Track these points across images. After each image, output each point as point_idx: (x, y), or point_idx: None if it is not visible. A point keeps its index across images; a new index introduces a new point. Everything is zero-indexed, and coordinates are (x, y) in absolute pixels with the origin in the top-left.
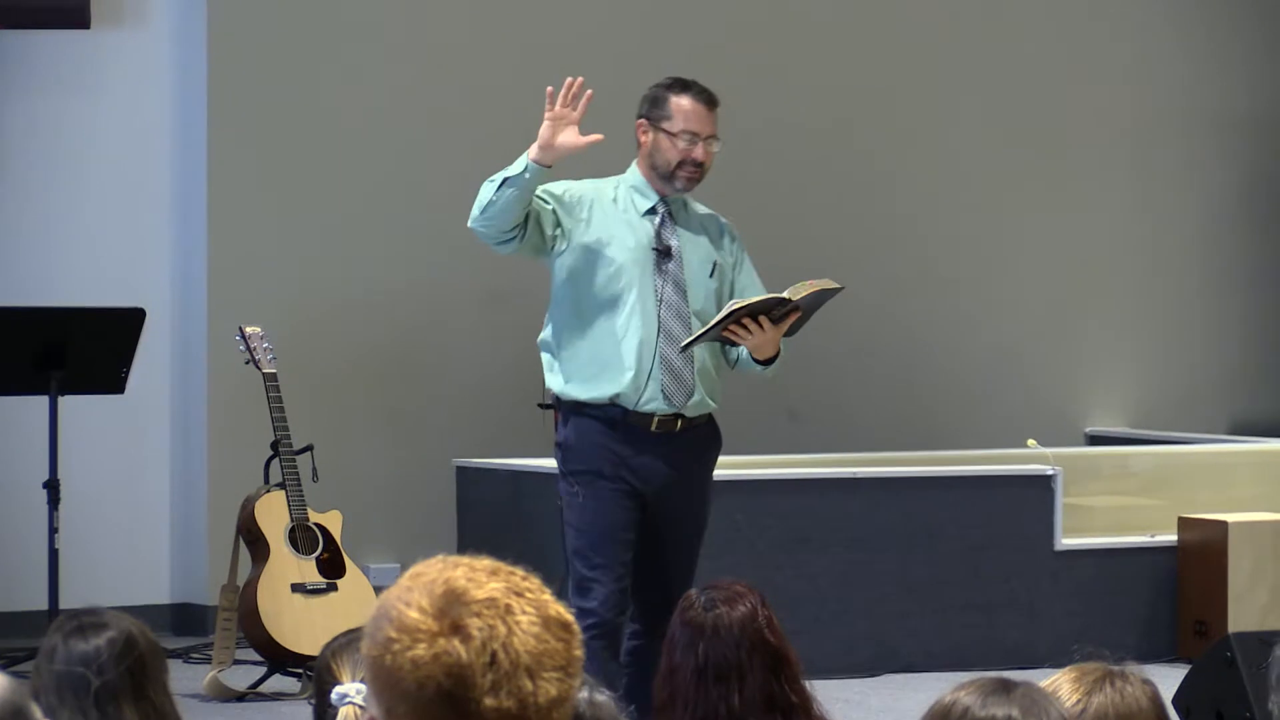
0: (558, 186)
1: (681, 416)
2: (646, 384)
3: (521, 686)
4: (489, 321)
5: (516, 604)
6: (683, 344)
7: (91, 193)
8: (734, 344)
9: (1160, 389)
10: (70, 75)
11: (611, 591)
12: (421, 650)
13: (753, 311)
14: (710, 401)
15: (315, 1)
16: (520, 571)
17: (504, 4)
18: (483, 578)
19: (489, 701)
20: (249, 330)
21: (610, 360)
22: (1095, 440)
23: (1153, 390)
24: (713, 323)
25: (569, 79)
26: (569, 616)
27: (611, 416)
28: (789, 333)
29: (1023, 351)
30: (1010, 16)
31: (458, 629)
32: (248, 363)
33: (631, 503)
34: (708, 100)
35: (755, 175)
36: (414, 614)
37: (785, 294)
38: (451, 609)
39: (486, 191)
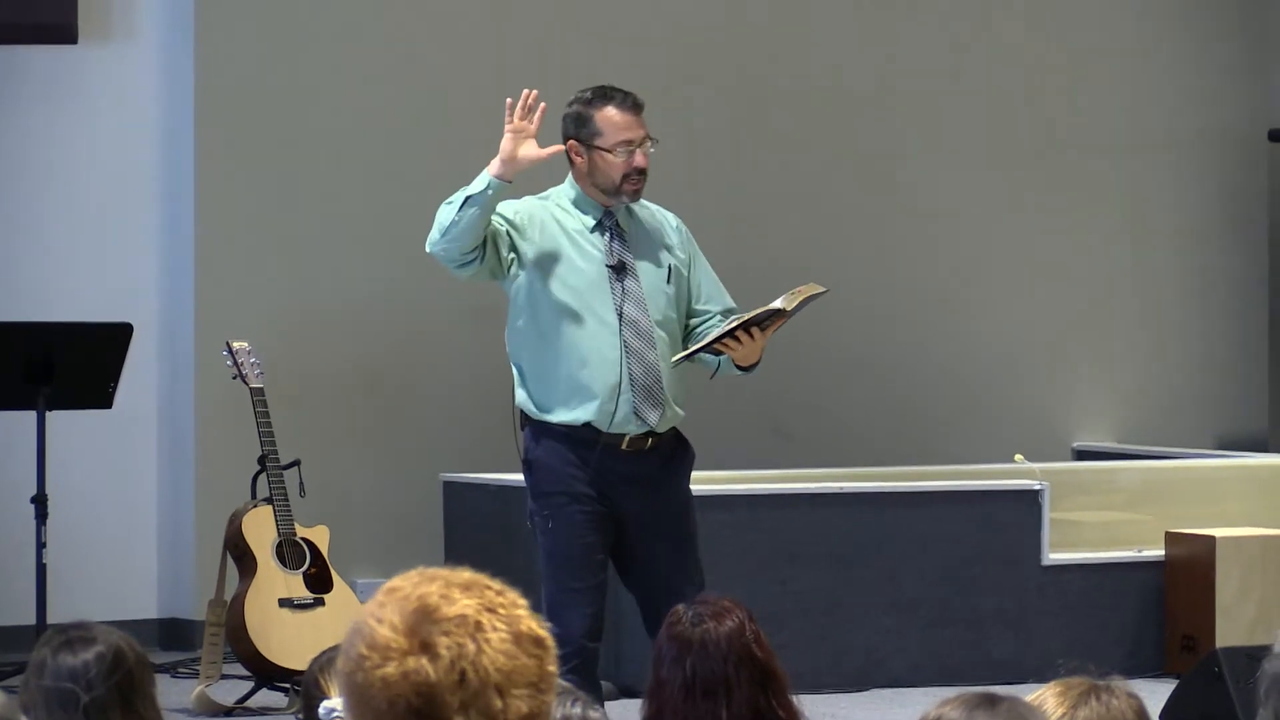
0: (506, 208)
1: (652, 434)
2: (617, 406)
3: (491, 704)
4: (476, 336)
5: (488, 620)
6: (675, 359)
7: (79, 208)
8: (718, 353)
9: (1147, 404)
10: (58, 90)
11: (585, 617)
12: (391, 669)
13: (748, 325)
14: (679, 413)
15: (302, 16)
16: (497, 585)
17: (489, 25)
18: (456, 594)
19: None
20: (236, 345)
21: (579, 384)
22: (1082, 455)
23: (1140, 405)
24: (711, 337)
25: (525, 91)
26: (543, 632)
27: (583, 437)
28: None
29: (1010, 367)
30: (1000, 32)
31: (426, 647)
32: (235, 378)
33: (602, 524)
34: (633, 105)
35: (742, 185)
36: (385, 631)
37: (779, 304)
38: (421, 627)
39: (446, 214)
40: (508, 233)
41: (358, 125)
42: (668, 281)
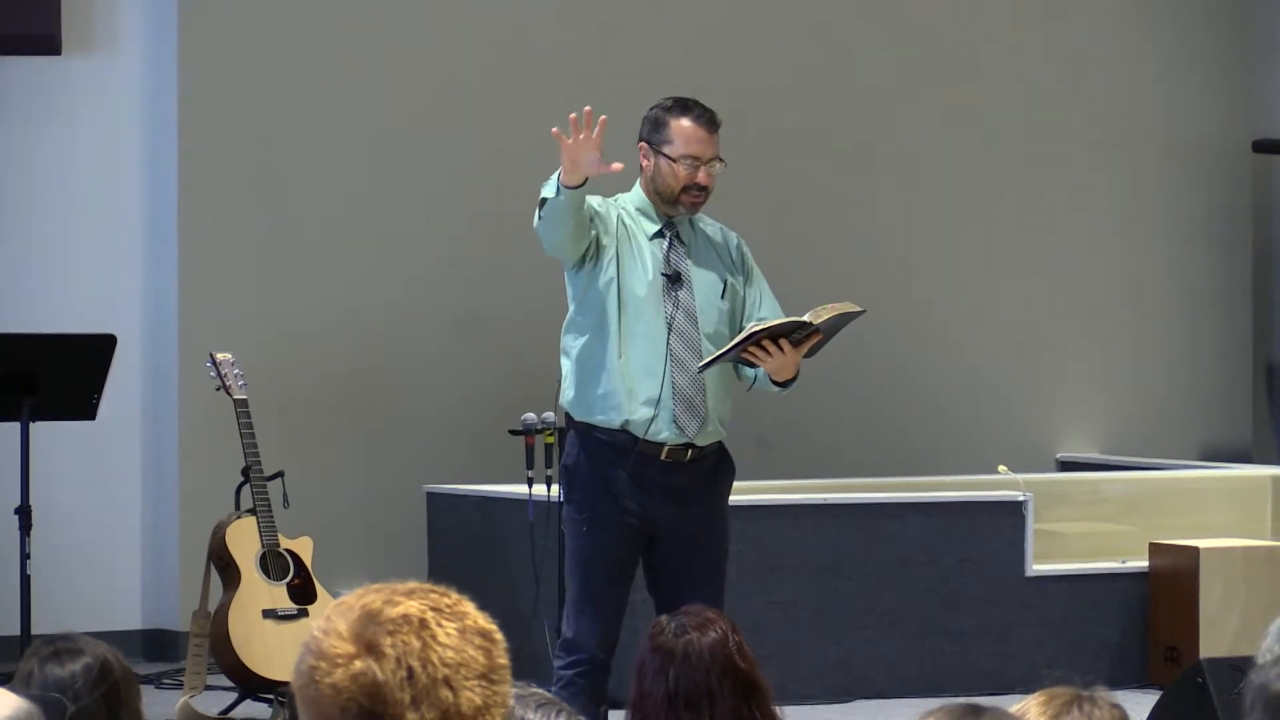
0: (591, 200)
1: (692, 445)
2: (656, 413)
3: (442, 698)
4: (459, 347)
5: (433, 618)
6: (699, 365)
7: (62, 219)
8: (752, 365)
9: (1131, 415)
10: (41, 102)
11: (601, 628)
12: (340, 675)
13: (773, 334)
14: (721, 429)
15: (286, 28)
16: (441, 589)
17: (477, 35)
18: (400, 598)
19: (411, 716)
20: (219, 356)
21: (620, 388)
22: (1066, 466)
23: (1124, 416)
24: (732, 344)
25: (572, 115)
26: (490, 625)
27: (621, 444)
28: (809, 354)
29: (994, 377)
30: (989, 41)
31: (372, 649)
32: (218, 389)
33: (634, 537)
34: (709, 122)
35: (729, 195)
36: (332, 640)
37: (806, 317)
38: (366, 630)
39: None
40: (596, 223)
41: (342, 137)
42: (722, 297)
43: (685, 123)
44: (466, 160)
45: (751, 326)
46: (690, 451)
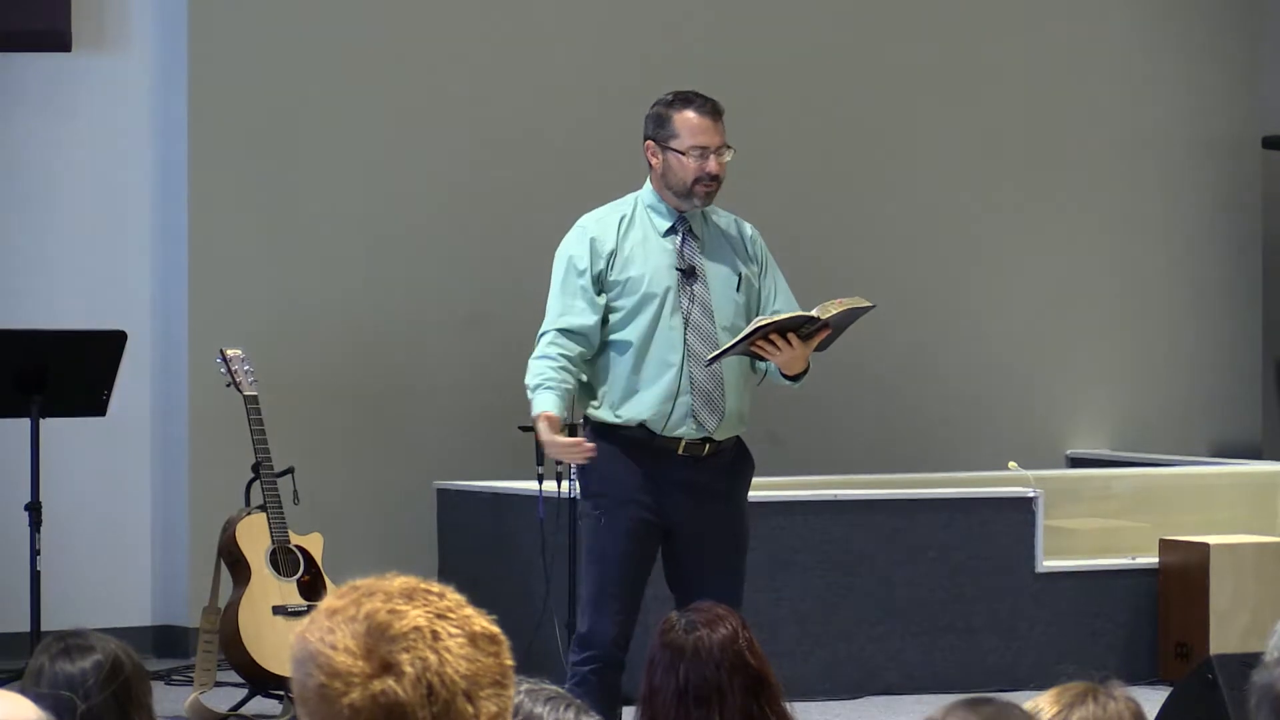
0: (581, 259)
1: (710, 440)
2: (674, 408)
3: (462, 711)
4: (470, 344)
5: (442, 628)
6: (708, 358)
7: (72, 215)
8: (762, 359)
9: (1141, 411)
10: (51, 98)
11: (616, 622)
12: (357, 695)
13: (780, 328)
14: (741, 424)
15: (295, 26)
16: (436, 588)
17: (482, 35)
18: (402, 605)
19: None
20: (230, 353)
21: (638, 384)
22: (1076, 462)
23: (1134, 412)
24: (739, 338)
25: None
26: (495, 629)
27: (638, 440)
28: (820, 348)
29: (1004, 374)
30: (995, 40)
31: (389, 667)
32: (229, 385)
33: (651, 533)
34: (712, 111)
35: (737, 195)
36: (342, 657)
37: (814, 312)
38: (379, 647)
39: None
40: (596, 281)
41: (352, 133)
42: (737, 289)
43: (689, 114)
44: (477, 155)
45: (758, 321)
46: (708, 446)
